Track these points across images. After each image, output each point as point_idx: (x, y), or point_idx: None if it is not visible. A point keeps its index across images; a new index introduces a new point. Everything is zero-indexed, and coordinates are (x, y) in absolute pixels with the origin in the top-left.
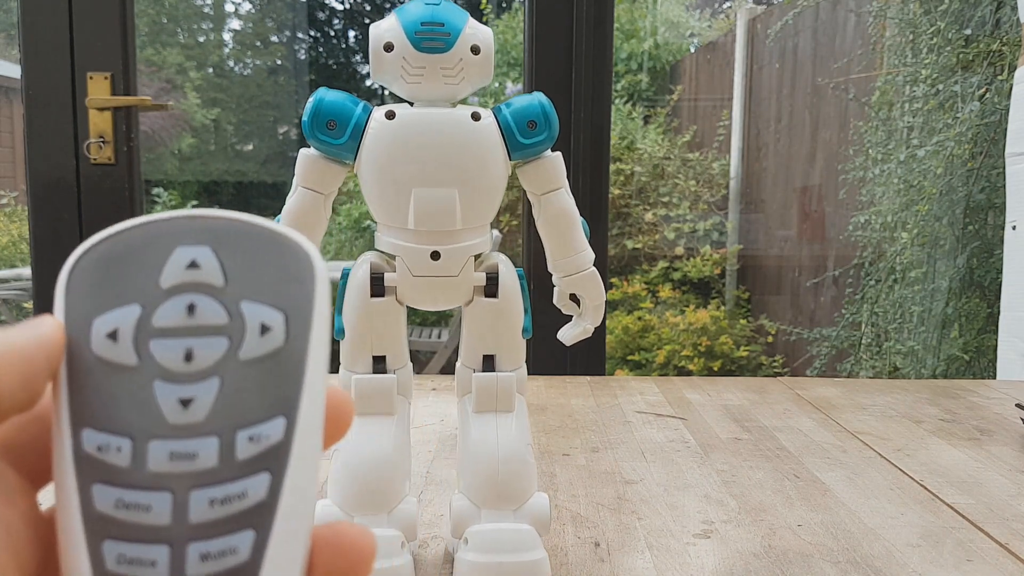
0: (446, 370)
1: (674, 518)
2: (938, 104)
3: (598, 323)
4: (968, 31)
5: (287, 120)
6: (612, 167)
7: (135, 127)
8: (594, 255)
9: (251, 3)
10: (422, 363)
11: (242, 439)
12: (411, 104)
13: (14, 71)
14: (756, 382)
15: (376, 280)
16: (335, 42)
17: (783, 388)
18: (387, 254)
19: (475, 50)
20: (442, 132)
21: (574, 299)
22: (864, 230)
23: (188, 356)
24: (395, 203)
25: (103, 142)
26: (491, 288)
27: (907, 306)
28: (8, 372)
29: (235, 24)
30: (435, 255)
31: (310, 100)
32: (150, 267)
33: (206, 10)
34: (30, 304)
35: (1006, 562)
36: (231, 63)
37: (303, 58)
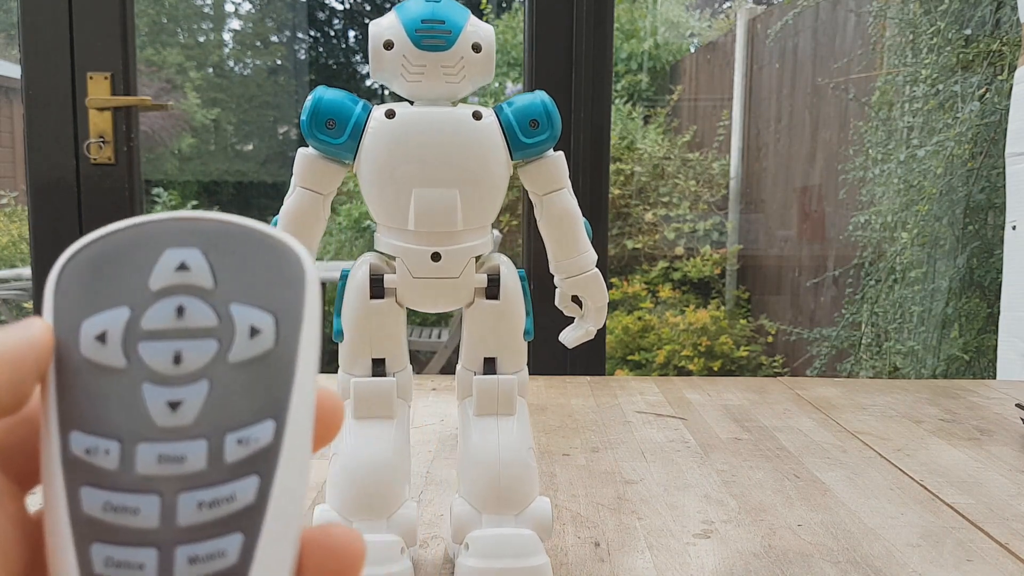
0: (446, 370)
1: (674, 518)
2: (938, 104)
3: (600, 325)
4: (968, 31)
5: (287, 120)
6: (612, 167)
7: (135, 127)
8: (597, 256)
9: (251, 3)
10: (422, 363)
11: (231, 442)
12: (411, 103)
13: (14, 71)
14: (756, 382)
15: (376, 282)
16: (335, 42)
17: (783, 388)
18: (387, 255)
19: (476, 48)
20: (443, 131)
21: (576, 301)
22: (864, 230)
23: (177, 358)
24: (395, 203)
25: (103, 142)
26: (492, 290)
27: (907, 306)
28: None
29: (235, 24)
30: (436, 256)
31: (309, 99)
32: (139, 269)
33: (206, 10)
34: (30, 304)
35: (1006, 562)
36: (231, 63)
37: (303, 58)
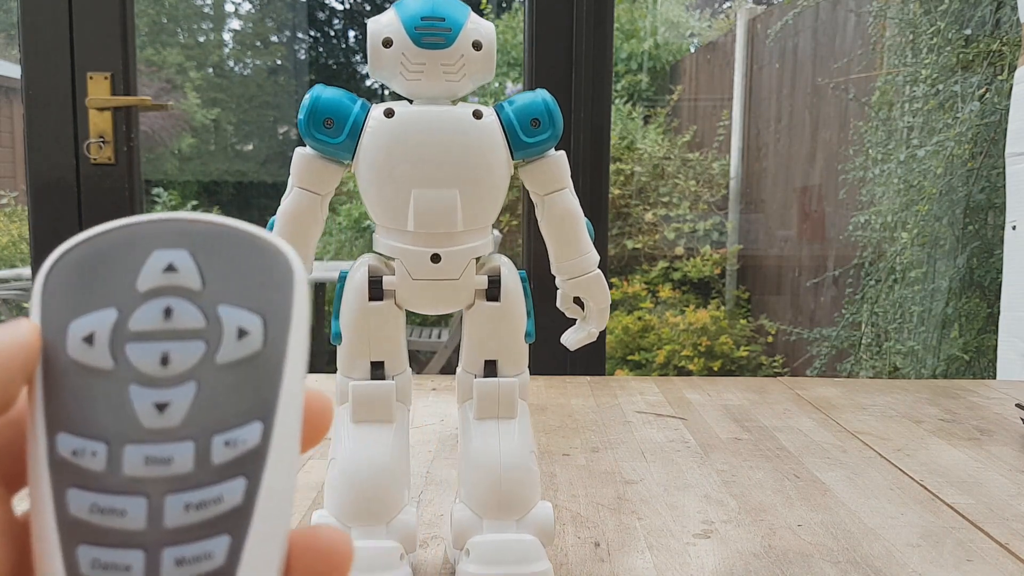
0: (446, 370)
1: (674, 518)
2: (938, 104)
3: (603, 327)
4: (968, 31)
5: (287, 120)
6: (612, 167)
7: (135, 127)
8: (599, 257)
9: (251, 3)
10: (422, 363)
11: (218, 444)
12: (411, 102)
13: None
14: (756, 382)
15: (374, 283)
16: (335, 42)
17: (783, 388)
18: (386, 256)
19: (477, 46)
20: (443, 131)
21: (578, 302)
22: (864, 230)
23: (164, 360)
24: (394, 204)
25: (103, 142)
26: (493, 291)
27: (907, 306)
28: None
29: (235, 24)
30: (435, 258)
31: (306, 97)
32: (127, 270)
33: (206, 10)
34: (30, 304)
35: (1006, 562)
36: (231, 63)
37: (303, 58)
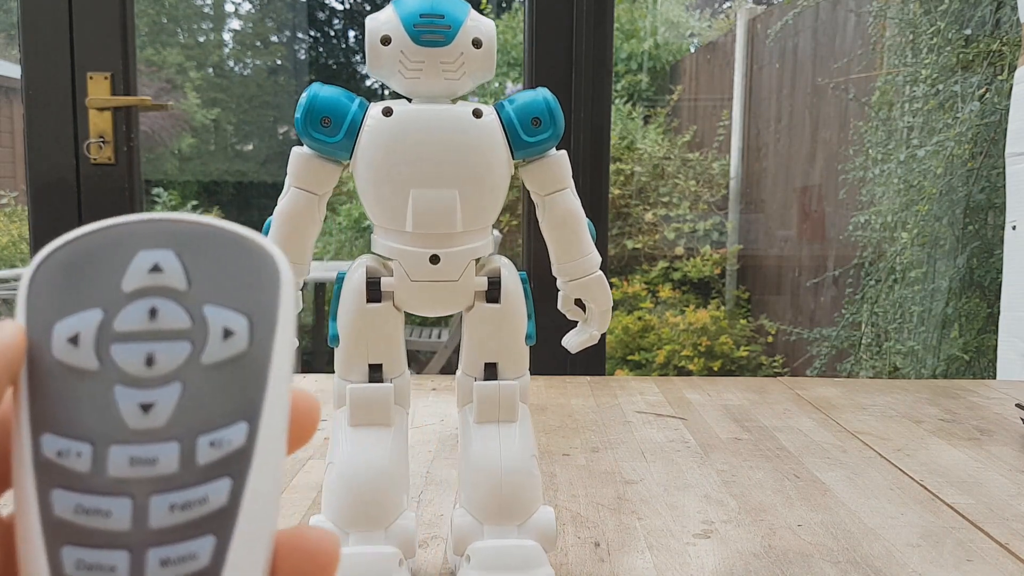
0: (446, 370)
1: (674, 518)
2: (938, 104)
3: (604, 329)
4: (968, 31)
5: (287, 120)
6: (612, 167)
7: (135, 127)
8: (601, 258)
9: (251, 3)
10: (422, 363)
11: (203, 444)
12: (409, 100)
13: (14, 71)
14: (756, 382)
15: (372, 285)
16: (335, 42)
17: (783, 388)
18: (384, 257)
19: (477, 43)
20: (442, 129)
21: (579, 304)
22: (864, 230)
23: (149, 360)
24: (392, 204)
25: (103, 142)
26: (493, 293)
27: (907, 306)
28: None
29: (235, 24)
30: (434, 259)
31: (303, 96)
32: (112, 271)
33: (206, 10)
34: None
35: (1006, 562)
36: (231, 63)
37: (303, 58)
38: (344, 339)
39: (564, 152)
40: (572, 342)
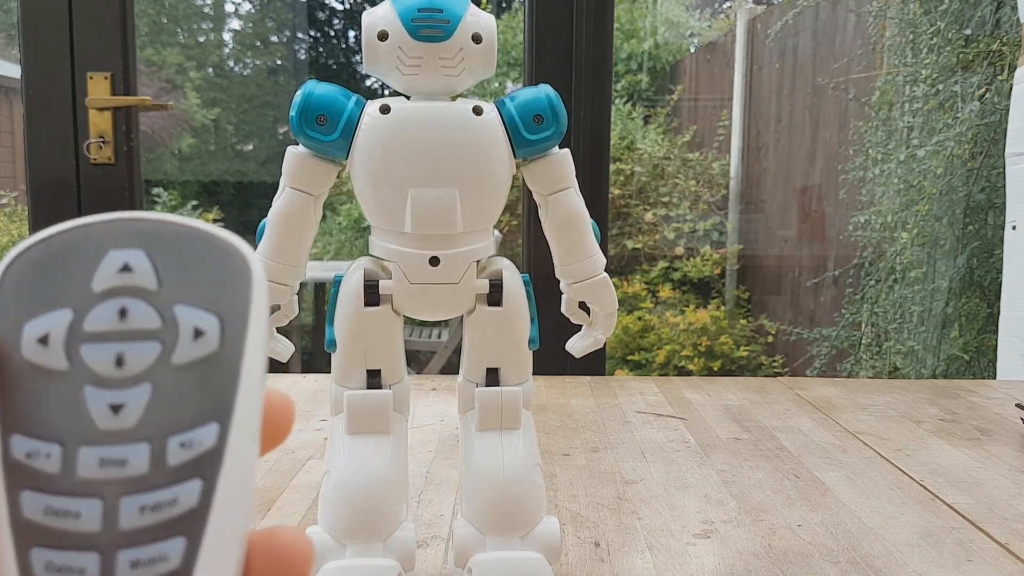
0: (446, 370)
1: (674, 518)
2: (938, 104)
3: (610, 333)
4: (968, 31)
5: (287, 120)
6: (612, 167)
7: (135, 127)
8: (605, 260)
9: (251, 3)
10: (422, 363)
11: (174, 445)
12: (408, 98)
13: (14, 71)
14: (756, 382)
15: (370, 288)
16: (335, 42)
17: (783, 388)
18: (382, 259)
19: (476, 39)
20: (441, 127)
21: (583, 307)
22: (864, 230)
23: (119, 361)
24: (391, 205)
25: (103, 142)
26: (495, 296)
27: (907, 306)
28: None
29: (235, 24)
30: (434, 261)
31: (298, 93)
32: (82, 271)
33: (206, 10)
34: None
35: (1006, 562)
36: (231, 63)
37: (303, 58)
38: (341, 344)
39: (567, 151)
40: (576, 347)
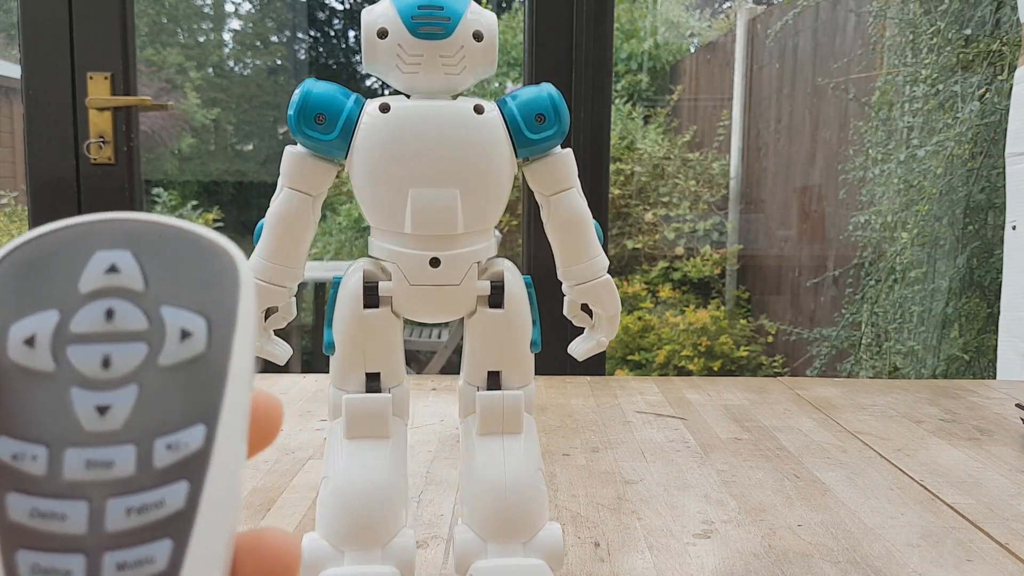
0: (446, 370)
1: (674, 518)
2: (938, 104)
3: (613, 336)
4: (968, 31)
5: (287, 120)
6: (612, 167)
7: (135, 127)
8: (608, 261)
9: (251, 3)
10: (422, 363)
11: (160, 447)
12: (408, 96)
13: (14, 71)
14: (756, 382)
15: (370, 290)
16: (335, 42)
17: (783, 388)
18: (382, 261)
19: (478, 36)
20: (442, 126)
21: (586, 310)
22: (864, 230)
23: (106, 362)
24: (390, 205)
25: (103, 142)
26: (496, 298)
27: (907, 306)
28: None
29: (235, 24)
30: (434, 262)
31: (296, 92)
32: (69, 271)
33: (206, 10)
34: None
35: (1006, 562)
36: (231, 63)
37: (303, 58)
38: (340, 346)
39: (569, 150)
40: (579, 350)
